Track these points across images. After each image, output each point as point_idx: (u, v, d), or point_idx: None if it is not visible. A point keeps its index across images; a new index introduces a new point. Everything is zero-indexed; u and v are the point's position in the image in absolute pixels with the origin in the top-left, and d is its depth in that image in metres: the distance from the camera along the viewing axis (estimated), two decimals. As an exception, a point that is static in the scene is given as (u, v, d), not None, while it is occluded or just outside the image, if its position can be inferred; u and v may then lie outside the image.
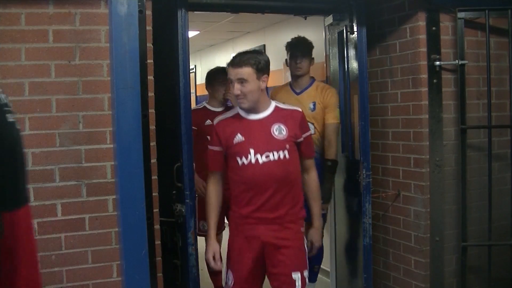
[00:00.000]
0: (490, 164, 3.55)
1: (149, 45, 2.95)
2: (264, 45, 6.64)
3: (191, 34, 6.64)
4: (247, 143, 2.92)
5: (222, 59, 8.08)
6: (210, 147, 3.09)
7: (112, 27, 2.82)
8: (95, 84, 2.89)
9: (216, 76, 4.45)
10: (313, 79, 4.10)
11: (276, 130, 2.95)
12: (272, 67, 3.74)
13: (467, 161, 3.63)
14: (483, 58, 3.63)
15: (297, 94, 4.06)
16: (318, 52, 5.01)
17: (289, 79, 4.23)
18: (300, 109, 3.10)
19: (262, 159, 2.90)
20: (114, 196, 2.91)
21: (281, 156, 2.92)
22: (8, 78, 2.75)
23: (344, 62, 3.99)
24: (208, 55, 8.29)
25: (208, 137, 3.38)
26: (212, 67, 4.78)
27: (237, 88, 2.89)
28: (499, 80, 3.71)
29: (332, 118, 3.95)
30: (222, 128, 3.01)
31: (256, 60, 2.89)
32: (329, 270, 4.74)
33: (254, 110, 2.97)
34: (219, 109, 4.38)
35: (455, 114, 3.65)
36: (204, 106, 4.51)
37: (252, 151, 2.89)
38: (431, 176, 3.62)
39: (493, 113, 3.59)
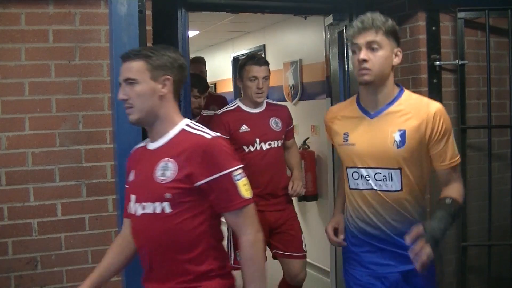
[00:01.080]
0: (490, 164, 3.55)
1: (149, 45, 2.95)
2: (264, 45, 6.64)
3: (191, 34, 6.64)
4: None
5: (222, 59, 8.08)
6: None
7: (112, 27, 2.82)
8: (95, 84, 2.89)
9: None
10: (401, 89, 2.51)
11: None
12: (272, 67, 3.74)
13: (467, 161, 3.62)
14: (483, 58, 3.63)
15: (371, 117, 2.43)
16: (318, 52, 5.02)
17: (289, 79, 4.22)
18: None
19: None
20: (114, 196, 2.92)
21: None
22: (8, 78, 2.75)
23: (344, 62, 3.99)
24: (208, 55, 8.29)
25: (245, 147, 3.54)
26: (212, 67, 4.78)
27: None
28: (499, 80, 3.71)
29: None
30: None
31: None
32: (329, 270, 4.74)
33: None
34: (255, 110, 3.63)
35: (455, 114, 3.64)
36: (238, 106, 3.65)
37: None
38: (431, 176, 3.61)
39: (493, 113, 3.59)
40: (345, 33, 3.90)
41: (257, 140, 3.50)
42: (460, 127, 3.60)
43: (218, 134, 2.02)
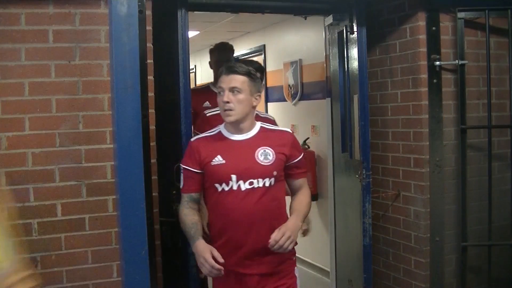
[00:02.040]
0: (490, 164, 3.55)
1: (149, 45, 2.95)
2: (264, 45, 6.64)
3: (191, 34, 6.65)
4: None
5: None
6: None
7: (112, 27, 2.82)
8: (95, 84, 2.89)
9: None
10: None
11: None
12: (272, 67, 3.74)
13: (467, 161, 3.63)
14: (483, 58, 3.63)
15: None
16: (318, 52, 5.02)
17: (289, 79, 4.21)
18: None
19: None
20: (114, 196, 2.91)
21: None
22: (8, 78, 2.75)
23: (344, 62, 3.99)
24: (208, 55, 8.27)
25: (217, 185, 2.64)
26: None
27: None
28: (499, 80, 3.72)
29: None
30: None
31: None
32: (329, 270, 4.74)
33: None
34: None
35: (455, 114, 3.65)
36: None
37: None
38: (431, 176, 3.62)
39: (493, 113, 3.59)
40: (345, 33, 3.90)
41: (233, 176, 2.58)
42: (460, 127, 3.60)
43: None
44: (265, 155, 2.59)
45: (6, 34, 2.74)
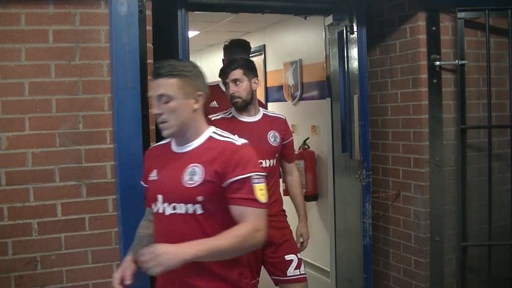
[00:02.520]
0: (490, 164, 3.55)
1: (149, 45, 2.95)
2: (264, 45, 6.64)
3: (191, 34, 6.64)
4: None
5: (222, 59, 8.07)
6: None
7: (112, 27, 2.82)
8: (95, 84, 2.89)
9: None
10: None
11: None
12: (272, 67, 3.74)
13: (467, 161, 3.63)
14: (483, 58, 3.63)
15: None
16: (318, 52, 5.02)
17: (289, 79, 4.20)
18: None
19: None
20: (114, 196, 2.92)
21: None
22: (8, 78, 2.75)
23: (344, 62, 3.98)
24: (208, 55, 8.29)
25: None
26: (212, 67, 4.76)
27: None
28: (499, 80, 3.72)
29: None
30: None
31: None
32: (329, 270, 4.74)
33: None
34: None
35: (455, 114, 3.65)
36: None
37: None
38: (431, 176, 3.62)
39: (493, 113, 3.59)
40: (345, 33, 3.90)
41: None
42: (460, 127, 3.60)
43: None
44: (192, 174, 2.05)
45: (6, 34, 2.74)
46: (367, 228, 3.73)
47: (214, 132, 2.13)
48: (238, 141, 2.09)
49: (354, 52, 3.81)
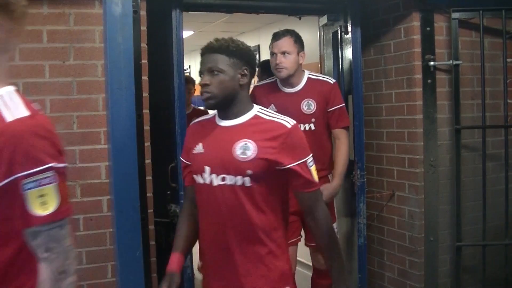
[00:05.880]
0: (485, 164, 3.56)
1: (144, 45, 2.94)
2: (259, 45, 6.64)
3: (186, 34, 6.63)
4: None
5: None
6: None
7: (107, 27, 2.82)
8: (89, 85, 2.88)
9: None
10: None
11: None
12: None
13: (462, 161, 3.63)
14: (477, 59, 3.64)
15: None
16: (313, 53, 5.02)
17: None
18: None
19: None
20: (108, 197, 2.91)
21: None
22: (1, 79, 2.73)
23: (339, 63, 3.99)
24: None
25: None
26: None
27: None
28: (493, 80, 3.72)
29: None
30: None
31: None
32: (324, 270, 4.74)
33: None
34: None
35: (449, 114, 3.65)
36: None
37: None
38: (426, 176, 3.62)
39: (487, 113, 3.60)
40: (339, 34, 3.90)
41: None
42: (455, 127, 3.61)
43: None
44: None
45: (0, 34, 2.73)
46: (361, 228, 3.73)
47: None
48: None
49: (348, 52, 3.82)
